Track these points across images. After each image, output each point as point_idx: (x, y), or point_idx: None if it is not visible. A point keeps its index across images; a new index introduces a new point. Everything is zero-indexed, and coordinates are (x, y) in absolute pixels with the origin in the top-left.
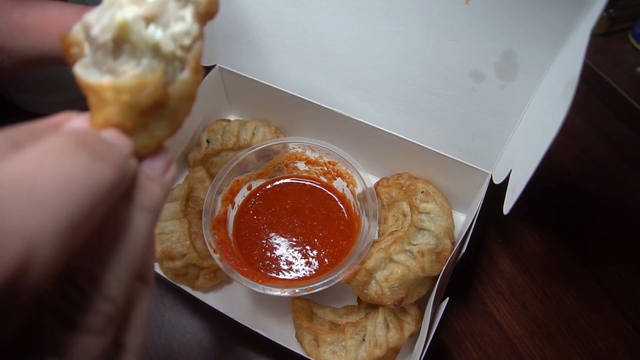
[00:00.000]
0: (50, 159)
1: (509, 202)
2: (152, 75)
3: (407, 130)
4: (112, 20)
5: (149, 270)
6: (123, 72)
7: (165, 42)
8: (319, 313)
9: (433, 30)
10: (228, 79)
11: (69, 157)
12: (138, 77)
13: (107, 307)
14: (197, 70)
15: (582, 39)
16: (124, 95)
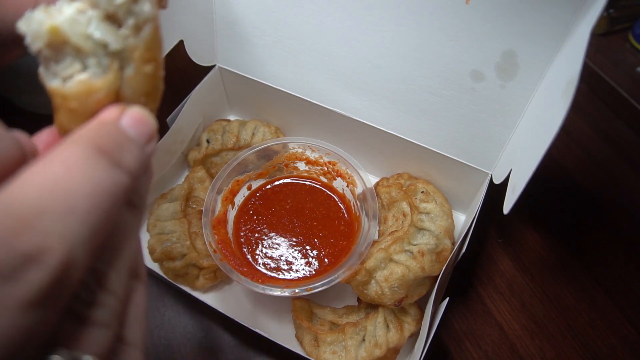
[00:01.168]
0: (78, 169)
1: (509, 201)
2: (101, 80)
3: (407, 130)
4: (41, 26)
5: (139, 265)
6: (69, 76)
7: (112, 39)
8: (319, 313)
9: (433, 31)
10: (228, 79)
11: (93, 166)
12: (84, 83)
13: (112, 301)
14: (147, 60)
15: (582, 38)
16: (71, 102)
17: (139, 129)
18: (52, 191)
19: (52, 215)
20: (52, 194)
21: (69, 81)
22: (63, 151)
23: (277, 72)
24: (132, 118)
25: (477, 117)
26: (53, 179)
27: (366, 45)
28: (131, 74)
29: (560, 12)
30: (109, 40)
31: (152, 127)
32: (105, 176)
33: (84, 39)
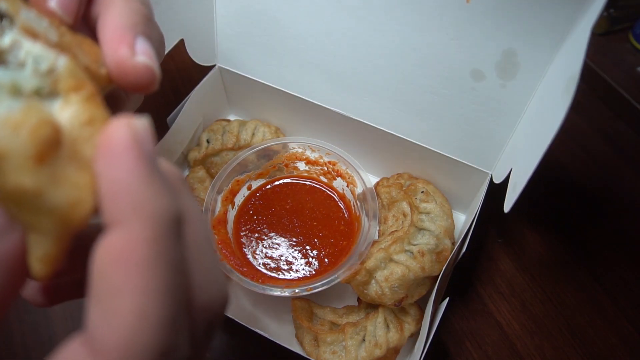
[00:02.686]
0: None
1: (510, 200)
2: (21, 111)
3: (407, 130)
4: None
5: None
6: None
7: (25, 79)
8: (319, 313)
9: (434, 30)
10: (228, 79)
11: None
12: (2, 120)
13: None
14: (76, 88)
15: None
16: (2, 146)
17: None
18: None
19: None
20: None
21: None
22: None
23: (277, 72)
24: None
25: (478, 117)
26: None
27: (366, 45)
28: (60, 104)
29: (561, 11)
30: (19, 80)
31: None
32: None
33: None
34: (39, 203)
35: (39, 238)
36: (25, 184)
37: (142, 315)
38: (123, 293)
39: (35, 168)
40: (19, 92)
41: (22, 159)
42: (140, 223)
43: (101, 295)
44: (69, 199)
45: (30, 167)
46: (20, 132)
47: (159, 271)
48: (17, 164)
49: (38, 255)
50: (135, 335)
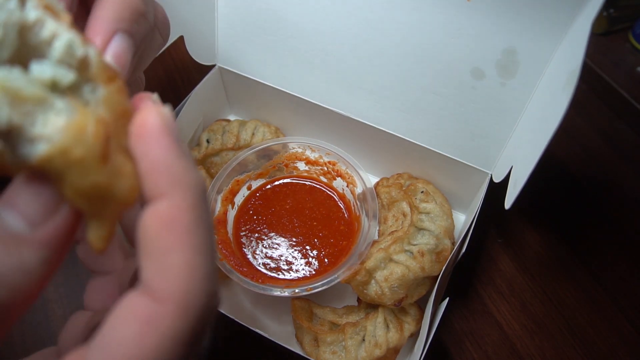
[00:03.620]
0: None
1: (511, 197)
2: (80, 113)
3: (407, 130)
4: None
5: None
6: (42, 135)
7: (61, 74)
8: (319, 313)
9: (434, 29)
10: (228, 79)
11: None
12: (70, 124)
13: None
14: (110, 79)
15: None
16: (75, 152)
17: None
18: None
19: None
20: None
21: (54, 136)
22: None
23: (277, 72)
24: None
25: (478, 116)
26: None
27: (367, 44)
28: (101, 97)
29: (561, 9)
30: (58, 75)
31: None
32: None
33: (37, 86)
34: (108, 196)
35: (101, 222)
36: (101, 181)
37: (193, 267)
38: (174, 250)
39: (103, 166)
40: (56, 87)
41: (94, 160)
42: (182, 193)
43: (155, 254)
44: (129, 187)
45: (101, 166)
46: (86, 136)
47: (201, 232)
48: (91, 165)
49: (99, 235)
50: (190, 284)
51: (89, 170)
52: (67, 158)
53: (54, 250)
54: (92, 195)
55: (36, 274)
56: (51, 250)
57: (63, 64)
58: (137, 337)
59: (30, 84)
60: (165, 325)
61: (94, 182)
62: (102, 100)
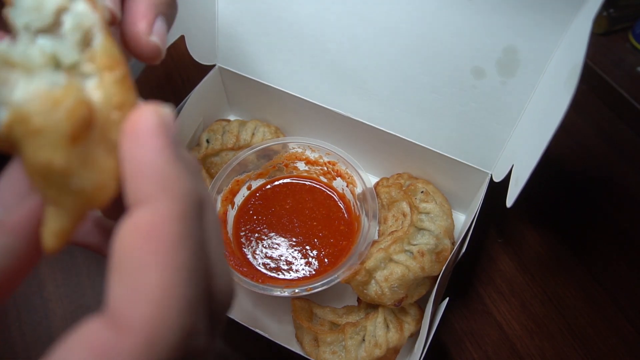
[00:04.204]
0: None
1: (512, 194)
2: (62, 88)
3: (407, 130)
4: None
5: None
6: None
7: (65, 51)
8: (319, 313)
9: (434, 28)
10: (228, 79)
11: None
12: (44, 94)
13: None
14: (109, 67)
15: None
16: (35, 120)
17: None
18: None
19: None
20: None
21: (22, 103)
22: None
23: (277, 72)
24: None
25: (478, 115)
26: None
27: (367, 45)
28: (95, 83)
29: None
30: (60, 52)
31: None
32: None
33: (32, 55)
34: (65, 182)
35: (57, 212)
36: (56, 162)
37: (168, 291)
38: (149, 268)
39: (67, 147)
40: (57, 64)
41: (56, 137)
42: (168, 201)
43: (126, 271)
44: (95, 182)
45: (64, 145)
46: (59, 110)
47: (185, 249)
48: (51, 141)
49: (52, 229)
50: (160, 313)
51: (48, 145)
52: (26, 126)
53: (23, 239)
54: (47, 175)
55: (10, 261)
56: (18, 238)
57: (73, 43)
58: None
59: (23, 53)
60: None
61: (49, 159)
62: (96, 86)
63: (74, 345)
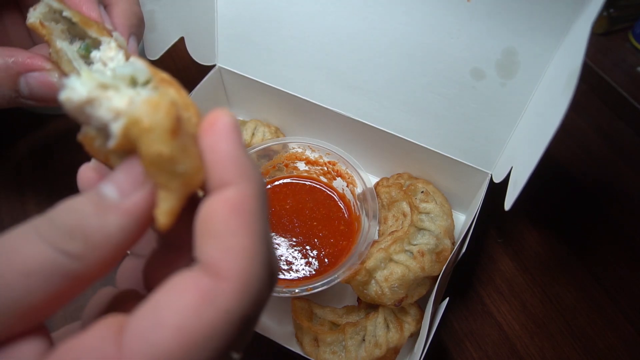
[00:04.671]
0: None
1: (511, 197)
2: (157, 95)
3: (407, 130)
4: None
5: None
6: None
7: (141, 72)
8: (319, 313)
9: (434, 29)
10: (228, 79)
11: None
12: (146, 100)
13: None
14: (168, 81)
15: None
16: (144, 122)
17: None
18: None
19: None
20: None
21: (132, 110)
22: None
23: (277, 72)
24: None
25: (478, 116)
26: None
27: (366, 45)
28: (161, 90)
29: (561, 9)
30: (137, 73)
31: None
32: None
33: (121, 78)
34: (172, 167)
35: (167, 195)
36: (165, 151)
37: (256, 252)
38: (241, 234)
39: (171, 139)
40: (134, 82)
41: (162, 132)
42: (248, 183)
43: (221, 236)
44: (193, 166)
45: (168, 138)
46: (159, 111)
47: (263, 221)
48: (159, 136)
49: (164, 208)
50: (251, 267)
51: (158, 139)
52: (139, 127)
53: (134, 220)
54: (159, 162)
55: (113, 239)
56: (131, 219)
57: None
58: (192, 309)
59: (113, 78)
60: (224, 301)
61: (160, 150)
62: (164, 90)
63: (177, 288)
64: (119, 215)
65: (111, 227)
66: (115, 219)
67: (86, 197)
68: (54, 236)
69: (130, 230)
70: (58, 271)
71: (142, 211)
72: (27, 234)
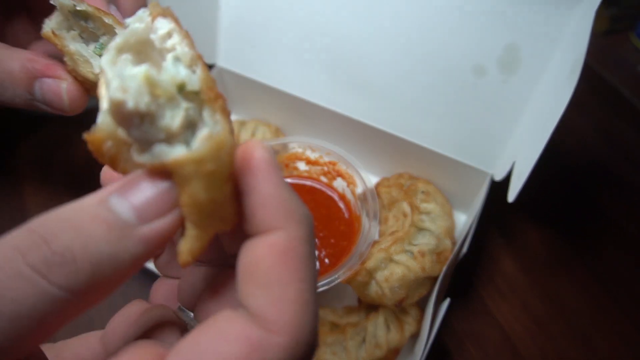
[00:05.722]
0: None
1: (514, 189)
2: (222, 130)
3: (408, 130)
4: (135, 78)
5: None
6: (175, 135)
7: (190, 78)
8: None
9: (435, 26)
10: (228, 79)
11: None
12: (209, 138)
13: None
14: (215, 98)
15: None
16: (208, 165)
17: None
18: None
19: None
20: None
21: (193, 142)
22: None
23: (277, 72)
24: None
25: (479, 115)
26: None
27: (367, 44)
28: (218, 116)
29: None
30: (188, 79)
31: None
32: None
33: (171, 84)
34: (217, 213)
35: (198, 234)
36: (219, 199)
37: (306, 302)
38: (291, 284)
39: (225, 186)
40: (182, 89)
41: (221, 178)
42: (297, 226)
43: (268, 283)
44: (234, 212)
45: (224, 185)
46: (223, 154)
47: (312, 266)
48: (217, 182)
49: (190, 247)
50: (302, 319)
51: (214, 185)
52: (200, 168)
53: (150, 248)
54: (206, 209)
55: (124, 267)
56: (148, 248)
57: (195, 75)
58: (242, 359)
59: (164, 81)
60: (274, 355)
61: (214, 198)
62: (220, 117)
63: (225, 336)
64: (135, 242)
65: (125, 256)
66: (132, 246)
67: (94, 213)
68: (48, 266)
69: (142, 259)
70: (46, 306)
71: (162, 240)
72: (11, 261)
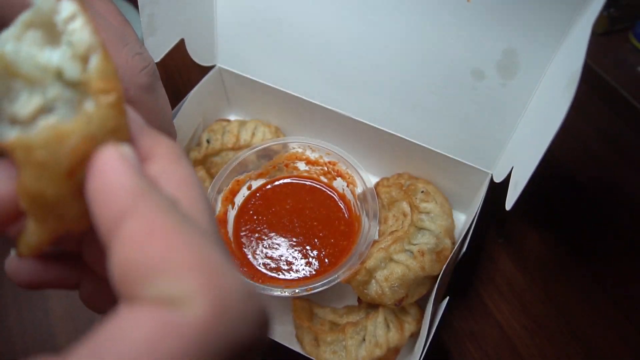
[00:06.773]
0: None
1: (511, 198)
2: (72, 122)
3: (407, 130)
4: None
5: None
6: (28, 119)
7: (69, 65)
8: (319, 313)
9: (434, 29)
10: (228, 79)
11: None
12: (53, 128)
13: None
14: (105, 91)
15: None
16: (38, 153)
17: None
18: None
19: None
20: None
21: (32, 127)
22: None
23: (277, 72)
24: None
25: (478, 116)
26: None
27: (367, 45)
28: (92, 109)
29: (561, 9)
30: (65, 66)
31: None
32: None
33: (37, 67)
34: (52, 210)
35: (37, 228)
36: (49, 193)
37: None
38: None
39: (63, 181)
40: (60, 76)
41: (55, 172)
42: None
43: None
44: (81, 212)
45: (60, 180)
46: (64, 147)
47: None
48: (50, 175)
49: (29, 241)
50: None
51: (47, 178)
52: (29, 155)
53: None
54: (39, 202)
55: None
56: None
57: (76, 60)
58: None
59: (30, 63)
60: (188, 331)
61: (47, 191)
62: (94, 110)
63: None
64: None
65: None
66: None
67: None
68: None
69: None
70: None
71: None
72: None
